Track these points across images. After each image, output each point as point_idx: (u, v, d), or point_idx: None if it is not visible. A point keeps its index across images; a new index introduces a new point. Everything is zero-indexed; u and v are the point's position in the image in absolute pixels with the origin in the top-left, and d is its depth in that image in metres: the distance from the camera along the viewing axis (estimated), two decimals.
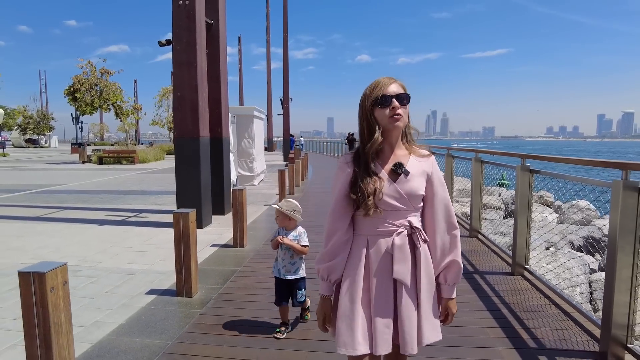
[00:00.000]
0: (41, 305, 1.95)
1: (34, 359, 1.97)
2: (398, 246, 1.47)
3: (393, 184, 1.48)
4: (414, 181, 1.49)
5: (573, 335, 2.84)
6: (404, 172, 1.48)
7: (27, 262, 4.58)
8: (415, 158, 1.54)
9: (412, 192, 1.49)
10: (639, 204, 2.38)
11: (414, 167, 1.51)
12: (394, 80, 1.50)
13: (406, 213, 1.49)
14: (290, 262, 2.84)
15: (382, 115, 1.47)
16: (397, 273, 1.47)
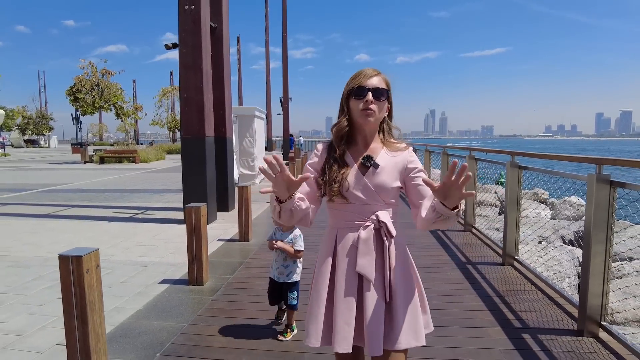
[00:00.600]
0: (78, 285, 2.21)
1: (72, 332, 2.23)
2: (363, 240, 1.43)
3: (362, 176, 1.45)
4: (384, 175, 1.45)
5: (555, 316, 3.10)
6: (372, 164, 1.44)
7: (44, 255, 4.86)
8: (388, 151, 1.49)
9: (381, 186, 1.44)
10: (610, 195, 2.64)
11: (385, 160, 1.47)
12: (377, 74, 1.46)
13: (375, 207, 1.45)
14: (283, 264, 2.77)
15: (355, 107, 1.44)
16: (360, 267, 1.41)
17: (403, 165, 1.48)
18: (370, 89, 1.41)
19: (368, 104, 1.40)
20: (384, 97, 1.43)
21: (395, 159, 1.48)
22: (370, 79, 1.42)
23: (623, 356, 2.51)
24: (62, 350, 2.67)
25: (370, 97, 1.40)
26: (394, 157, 1.48)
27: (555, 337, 2.79)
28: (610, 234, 2.68)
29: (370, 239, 1.43)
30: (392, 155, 1.48)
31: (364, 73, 1.44)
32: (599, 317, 2.75)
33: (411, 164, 1.49)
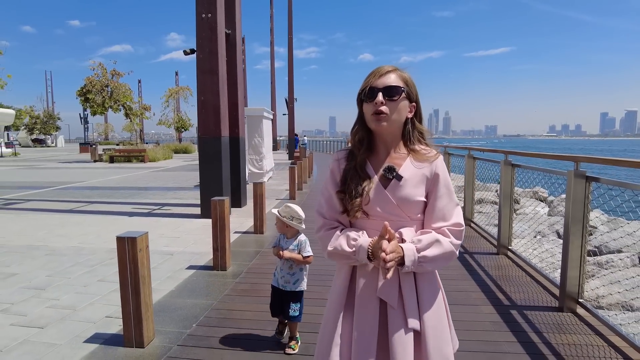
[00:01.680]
0: (132, 262, 2.64)
1: (127, 302, 2.65)
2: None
3: (383, 189, 1.31)
4: (409, 187, 1.30)
5: (540, 296, 3.51)
6: (395, 176, 1.30)
7: (76, 245, 5.30)
8: (413, 161, 1.33)
9: (405, 200, 1.30)
10: (585, 188, 3.04)
11: (409, 170, 1.32)
12: (392, 70, 1.31)
13: (399, 223, 1.31)
14: (289, 272, 2.60)
15: (366, 111, 1.30)
16: (381, 292, 1.28)
17: (430, 174, 1.32)
18: (381, 89, 1.26)
19: (378, 106, 1.25)
20: (397, 96, 1.27)
21: (422, 170, 1.32)
22: (382, 77, 1.28)
23: (596, 327, 2.91)
24: (111, 321, 3.11)
25: (380, 98, 1.25)
26: (421, 167, 1.32)
27: (539, 312, 3.19)
28: (585, 222, 3.08)
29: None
30: (418, 165, 1.32)
31: (376, 71, 1.30)
32: (576, 295, 3.15)
33: (436, 174, 1.33)
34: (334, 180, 1.39)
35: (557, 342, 2.71)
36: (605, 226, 7.61)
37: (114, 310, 3.30)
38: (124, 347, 2.69)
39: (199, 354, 2.62)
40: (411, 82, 1.33)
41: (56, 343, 2.78)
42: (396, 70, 1.31)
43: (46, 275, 4.16)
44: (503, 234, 4.75)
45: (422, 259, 1.24)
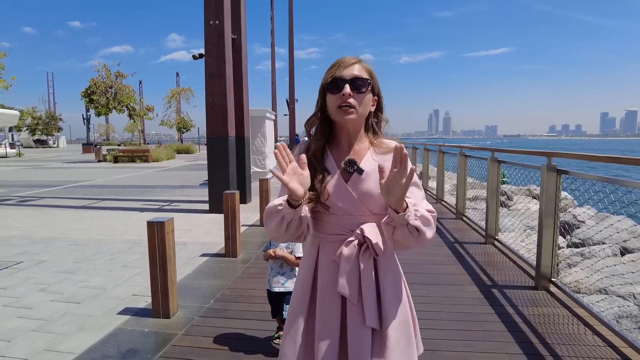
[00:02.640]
0: (161, 243, 3.05)
1: (155, 278, 3.06)
2: (345, 257, 1.24)
3: (344, 183, 1.25)
4: (371, 181, 1.24)
5: (519, 277, 3.92)
6: (356, 169, 1.25)
7: (95, 237, 5.71)
8: (375, 153, 1.29)
9: (367, 194, 1.24)
10: (557, 180, 3.45)
11: (371, 163, 1.26)
12: (357, 61, 1.26)
13: (361, 218, 1.26)
14: (279, 271, 2.58)
15: (331, 103, 1.24)
16: (342, 287, 1.23)
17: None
18: (348, 80, 1.21)
19: (345, 97, 1.20)
20: (365, 88, 1.23)
21: (384, 159, 1.25)
22: (347, 68, 1.23)
23: (564, 302, 3.32)
24: (137, 298, 3.53)
25: (347, 90, 1.20)
26: (383, 158, 1.27)
27: (517, 291, 3.60)
28: (557, 209, 3.49)
29: (353, 256, 1.24)
30: (381, 156, 1.28)
31: (340, 62, 1.25)
32: (549, 275, 3.56)
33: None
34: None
35: (530, 314, 3.12)
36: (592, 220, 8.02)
37: (138, 290, 3.72)
38: (153, 317, 3.11)
39: (218, 324, 3.03)
40: (374, 74, 1.29)
41: (93, 315, 3.20)
42: (360, 62, 1.26)
43: (73, 262, 4.57)
44: (490, 225, 5.16)
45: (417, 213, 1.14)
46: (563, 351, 2.56)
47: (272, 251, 2.55)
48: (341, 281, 1.24)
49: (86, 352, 2.65)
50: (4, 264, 4.50)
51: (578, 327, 2.89)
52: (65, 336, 2.86)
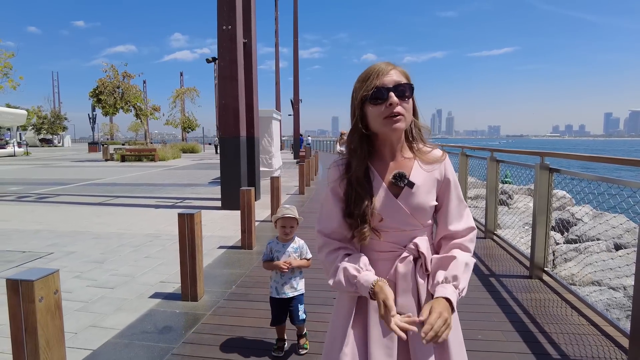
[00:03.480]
0: (190, 233, 3.38)
1: (185, 264, 3.40)
2: (402, 274, 1.20)
3: (394, 199, 1.20)
4: (421, 194, 1.21)
5: (515, 268, 4.24)
6: (407, 184, 1.20)
7: (116, 231, 6.05)
8: (422, 163, 1.24)
9: (419, 208, 1.20)
10: (549, 178, 3.76)
11: (420, 175, 1.22)
12: (392, 67, 1.18)
13: (412, 233, 1.22)
14: (291, 277, 2.53)
15: (375, 115, 1.16)
16: (402, 306, 1.18)
17: (440, 176, 1.25)
18: (391, 88, 1.14)
19: (393, 107, 1.13)
20: (409, 93, 1.16)
21: (432, 173, 1.24)
22: (387, 75, 1.15)
23: (555, 288, 3.63)
24: (165, 284, 3.86)
25: (394, 98, 1.13)
26: (431, 170, 1.24)
27: (512, 279, 3.92)
28: (549, 206, 3.80)
29: (409, 273, 1.20)
30: (427, 167, 1.24)
31: (377, 70, 1.16)
32: (542, 266, 3.88)
33: (447, 176, 1.27)
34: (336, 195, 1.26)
35: (523, 299, 3.44)
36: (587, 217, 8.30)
37: (165, 277, 4.06)
38: (182, 300, 3.44)
39: (241, 306, 3.36)
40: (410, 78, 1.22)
41: (127, 298, 3.54)
42: (395, 67, 1.19)
43: (100, 253, 4.91)
44: (489, 221, 5.47)
45: (462, 292, 1.16)
46: (551, 329, 2.88)
47: (287, 264, 2.45)
48: (400, 300, 1.19)
49: (127, 328, 2.98)
50: (37, 254, 4.85)
51: (566, 309, 3.21)
52: (105, 315, 3.20)
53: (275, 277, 2.55)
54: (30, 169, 18.29)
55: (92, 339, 2.81)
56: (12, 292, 1.83)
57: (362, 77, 1.19)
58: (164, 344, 2.73)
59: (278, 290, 2.53)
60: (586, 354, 2.55)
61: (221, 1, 7.30)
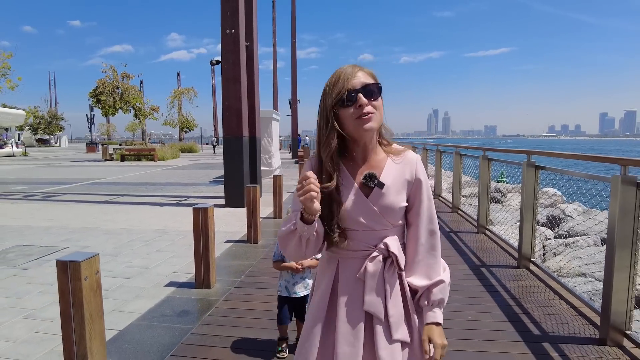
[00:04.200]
0: (204, 226, 3.66)
1: (199, 254, 3.67)
2: (370, 273, 1.22)
3: (365, 199, 1.23)
4: (391, 194, 1.23)
5: (504, 259, 4.54)
6: (377, 184, 1.22)
7: (124, 227, 6.31)
8: (393, 163, 1.27)
9: (389, 208, 1.23)
10: (535, 175, 4.07)
11: (391, 175, 1.25)
12: (359, 69, 1.21)
13: (382, 232, 1.25)
14: (302, 276, 2.57)
15: (347, 117, 1.18)
16: (368, 304, 1.22)
17: (411, 178, 1.27)
18: (359, 89, 1.17)
19: (363, 107, 1.16)
20: (377, 93, 1.19)
21: (402, 171, 1.27)
22: (354, 77, 1.18)
23: (541, 277, 3.93)
24: (178, 275, 4.14)
25: (363, 100, 1.16)
26: (402, 170, 1.27)
27: (501, 269, 4.21)
28: (535, 200, 4.10)
29: (378, 272, 1.23)
30: (398, 167, 1.27)
31: (344, 74, 1.19)
32: (529, 256, 4.18)
33: (417, 180, 1.28)
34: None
35: (510, 286, 3.74)
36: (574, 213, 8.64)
37: (177, 268, 4.33)
38: (195, 288, 3.72)
39: (251, 292, 3.64)
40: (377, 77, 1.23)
41: (144, 287, 3.81)
42: (362, 68, 1.22)
43: (112, 247, 5.17)
44: (481, 216, 5.77)
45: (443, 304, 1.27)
46: (534, 310, 3.18)
47: (298, 265, 2.48)
48: (368, 299, 1.22)
49: (147, 312, 3.26)
50: (53, 248, 5.11)
51: (549, 294, 3.51)
52: (126, 301, 3.48)
53: (286, 276, 2.57)
54: (31, 169, 18.46)
55: (117, 321, 3.09)
56: (61, 271, 2.11)
57: (331, 81, 1.21)
58: (183, 325, 3.01)
59: (289, 289, 2.55)
60: (564, 330, 2.85)
61: (224, 6, 7.57)
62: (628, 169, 2.53)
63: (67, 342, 2.15)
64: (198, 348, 2.69)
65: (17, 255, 4.83)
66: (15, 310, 3.29)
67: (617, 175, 2.56)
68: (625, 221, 2.52)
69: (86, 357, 2.14)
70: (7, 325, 3.04)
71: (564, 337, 2.77)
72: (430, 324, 1.22)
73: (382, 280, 1.23)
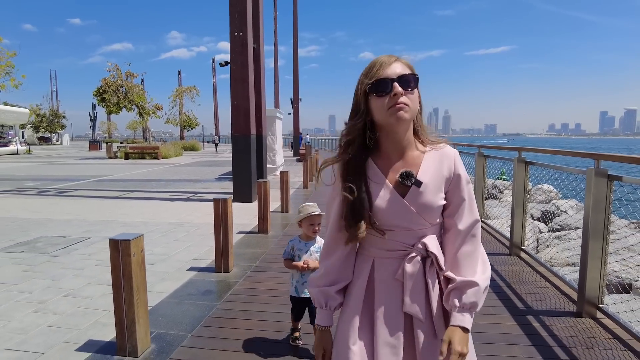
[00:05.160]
0: (224, 215, 4.03)
1: (219, 242, 4.04)
2: (409, 274, 1.17)
3: (401, 199, 1.16)
4: (429, 192, 1.17)
5: (497, 247, 4.92)
6: (414, 182, 1.16)
7: (141, 220, 6.68)
8: (431, 160, 1.20)
9: (427, 207, 1.17)
10: (525, 169, 4.43)
11: (428, 172, 1.18)
12: (395, 59, 1.16)
13: (420, 232, 1.18)
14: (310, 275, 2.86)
15: (379, 106, 1.13)
16: (409, 306, 1.18)
17: (449, 174, 1.21)
18: (395, 79, 1.11)
19: (397, 97, 1.10)
20: (414, 84, 1.14)
21: (440, 168, 1.20)
22: (390, 66, 1.13)
23: (531, 264, 4.30)
24: (198, 261, 4.51)
25: (398, 89, 1.10)
26: (439, 167, 1.20)
27: (494, 256, 4.59)
28: (525, 193, 4.47)
29: (418, 273, 1.19)
30: (436, 164, 1.20)
31: (380, 62, 1.14)
32: (520, 245, 4.55)
33: (457, 172, 1.21)
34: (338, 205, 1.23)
35: (502, 270, 4.11)
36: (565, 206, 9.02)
37: (196, 255, 4.70)
38: (216, 272, 4.09)
39: (267, 275, 4.02)
40: (415, 70, 1.18)
41: (168, 271, 4.18)
42: (399, 59, 1.17)
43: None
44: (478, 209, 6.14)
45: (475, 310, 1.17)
46: (521, 290, 3.55)
47: (304, 264, 2.48)
48: (407, 300, 1.18)
49: (174, 292, 3.63)
50: (77, 238, 5.48)
51: (535, 277, 3.89)
52: (153, 283, 3.84)
53: (296, 276, 2.58)
54: (38, 166, 18.82)
55: (149, 299, 3.45)
56: (113, 248, 2.49)
57: (366, 69, 1.16)
58: (209, 302, 3.38)
59: (298, 289, 2.57)
60: (546, 306, 3.23)
61: (233, 10, 7.92)
62: (600, 163, 2.90)
63: (118, 309, 2.53)
64: (224, 320, 3.06)
65: (45, 244, 5.20)
66: (56, 290, 3.67)
67: (591, 168, 2.93)
68: (598, 208, 2.89)
69: (134, 322, 2.52)
70: (53, 302, 3.42)
71: (546, 311, 3.14)
72: (457, 326, 1.13)
73: (421, 281, 1.19)
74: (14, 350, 2.65)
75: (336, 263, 1.26)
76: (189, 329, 2.92)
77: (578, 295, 3.11)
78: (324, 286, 1.27)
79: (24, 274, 4.09)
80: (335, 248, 1.26)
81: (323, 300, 1.27)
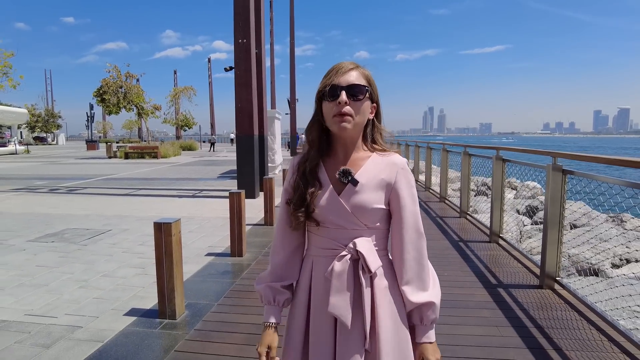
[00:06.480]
0: (238, 206, 4.59)
1: (233, 231, 4.60)
2: (337, 273, 1.16)
3: (336, 196, 1.19)
4: (365, 193, 1.18)
5: (479, 236, 5.52)
6: (350, 180, 1.18)
7: (152, 215, 7.22)
8: (374, 163, 1.22)
9: (361, 207, 1.17)
10: (502, 167, 5.03)
11: (368, 174, 1.20)
12: (354, 67, 1.18)
13: (354, 232, 1.19)
14: None
15: (327, 111, 1.17)
16: (333, 307, 1.16)
17: (390, 179, 1.21)
18: (344, 87, 1.14)
19: (341, 106, 1.13)
20: (362, 95, 1.15)
21: (382, 172, 1.21)
22: (345, 74, 1.16)
23: (509, 250, 4.89)
24: (213, 247, 5.06)
25: (344, 97, 1.13)
26: (382, 171, 1.21)
27: (476, 243, 5.18)
28: (502, 188, 5.07)
29: (346, 273, 1.17)
30: (379, 168, 1.21)
31: (337, 68, 1.18)
32: (498, 233, 5.15)
33: (399, 184, 1.21)
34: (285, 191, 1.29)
35: (482, 255, 4.70)
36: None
37: (211, 243, 5.26)
38: (230, 256, 4.65)
39: None
40: (372, 81, 1.22)
41: (187, 256, 4.72)
42: (358, 68, 1.20)
43: (149, 230, 6.08)
44: (463, 203, 6.74)
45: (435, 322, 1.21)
46: (495, 269, 4.15)
47: None
48: (332, 300, 1.16)
49: (196, 273, 4.19)
50: (99, 230, 6.01)
51: (509, 259, 4.49)
52: None
53: None
54: (40, 166, 19.22)
55: None
56: (157, 230, 3.04)
57: (326, 73, 1.20)
58: (228, 280, 3.95)
59: None
60: (515, 280, 3.83)
61: (237, 18, 8.47)
62: (557, 160, 3.49)
63: (160, 280, 3.08)
64: (243, 292, 3.63)
65: (72, 235, 5.74)
66: (93, 272, 4.21)
67: (549, 164, 3.52)
68: (555, 198, 3.48)
69: (174, 291, 3.08)
70: (94, 280, 3.97)
71: (513, 284, 3.74)
72: (425, 343, 1.20)
73: (351, 283, 1.17)
74: (73, 315, 3.20)
75: (282, 260, 1.29)
76: (215, 299, 3.48)
77: (540, 270, 3.71)
78: (271, 282, 1.28)
79: (61, 259, 4.63)
80: (282, 246, 1.29)
81: (271, 295, 1.27)
